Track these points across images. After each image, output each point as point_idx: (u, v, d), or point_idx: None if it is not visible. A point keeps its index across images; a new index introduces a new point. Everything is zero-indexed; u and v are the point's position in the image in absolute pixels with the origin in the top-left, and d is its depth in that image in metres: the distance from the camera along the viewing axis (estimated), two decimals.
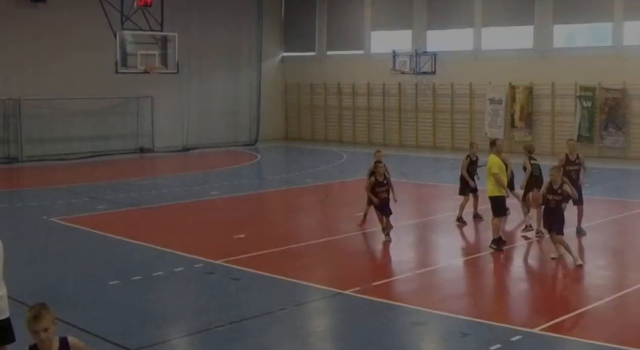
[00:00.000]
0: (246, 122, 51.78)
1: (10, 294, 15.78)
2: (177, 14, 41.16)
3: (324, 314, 15.26)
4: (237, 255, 19.13)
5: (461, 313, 14.32)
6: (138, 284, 16.74)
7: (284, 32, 54.50)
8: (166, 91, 46.48)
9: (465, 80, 44.47)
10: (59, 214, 25.35)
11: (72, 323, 13.90)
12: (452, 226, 23.23)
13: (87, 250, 20.55)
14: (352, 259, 19.59)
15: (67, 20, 42.38)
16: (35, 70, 41.36)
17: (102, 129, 44.12)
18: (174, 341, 13.50)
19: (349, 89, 50.45)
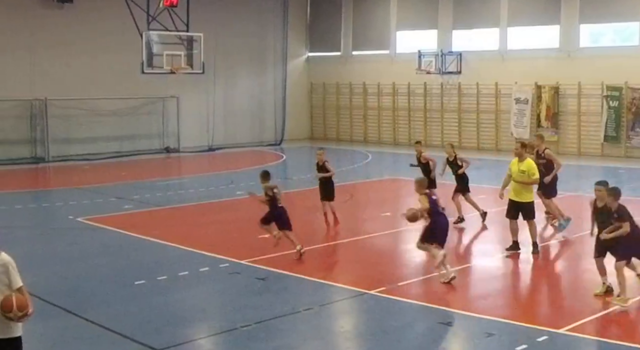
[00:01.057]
0: (271, 122, 51.81)
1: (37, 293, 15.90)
2: (203, 14, 41.21)
3: (350, 314, 15.25)
4: (263, 255, 19.15)
5: (487, 313, 14.28)
6: (164, 284, 16.78)
7: (309, 32, 54.48)
8: (192, 91, 46.57)
9: (491, 80, 44.32)
10: (85, 213, 25.44)
11: (98, 322, 13.98)
12: (477, 226, 23.17)
13: (113, 250, 20.61)
14: (377, 259, 19.57)
15: (94, 21, 42.53)
16: (62, 71, 41.55)
17: (128, 129, 44.26)
18: (200, 341, 13.53)
19: (374, 88, 50.38)
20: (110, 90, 42.81)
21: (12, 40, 40.20)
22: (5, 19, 40.02)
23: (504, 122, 44.27)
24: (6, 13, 40.09)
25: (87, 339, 13.38)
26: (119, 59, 41.88)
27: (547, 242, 20.88)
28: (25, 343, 13.25)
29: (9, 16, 40.14)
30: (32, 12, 41.03)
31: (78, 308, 14.89)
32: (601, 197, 14.83)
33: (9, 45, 40.09)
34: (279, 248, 19.77)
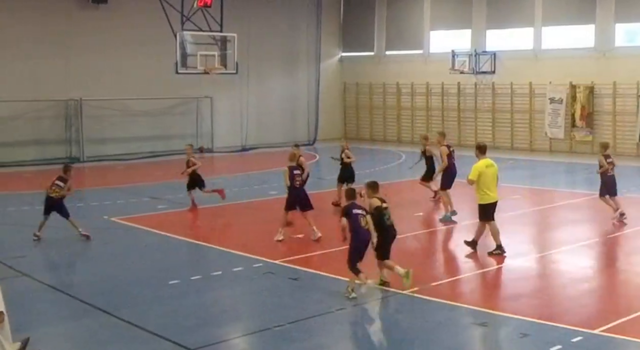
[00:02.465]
0: (304, 122, 51.83)
1: (72, 293, 16.04)
2: (236, 15, 41.31)
3: (382, 314, 15.24)
4: (296, 255, 19.18)
5: (521, 313, 14.22)
6: (197, 284, 16.83)
7: (342, 32, 54.46)
8: (225, 91, 46.69)
9: (525, 79, 44.11)
10: (119, 213, 25.58)
11: (133, 322, 14.04)
12: (511, 226, 23.07)
13: (147, 250, 20.70)
14: (410, 258, 19.52)
15: (128, 21, 42.73)
16: (96, 71, 41.75)
17: (161, 129, 44.42)
18: (233, 341, 13.57)
19: (407, 88, 50.29)
20: (145, 90, 43.00)
21: (48, 41, 40.47)
22: (41, 20, 40.27)
23: (538, 122, 44.04)
24: (42, 14, 40.34)
25: (122, 338, 13.44)
26: (153, 59, 42.07)
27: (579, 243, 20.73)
28: (60, 342, 13.39)
29: (45, 17, 40.38)
30: (68, 13, 41.27)
31: (112, 307, 14.96)
32: None
33: (45, 46, 40.35)
34: (312, 248, 19.81)
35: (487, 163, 19.68)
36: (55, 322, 14.47)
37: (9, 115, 39.28)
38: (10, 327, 12.94)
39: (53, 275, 17.58)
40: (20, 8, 39.55)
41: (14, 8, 39.35)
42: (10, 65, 38.21)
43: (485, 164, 19.63)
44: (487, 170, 19.55)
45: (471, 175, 19.41)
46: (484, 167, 19.53)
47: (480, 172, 19.41)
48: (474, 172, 19.39)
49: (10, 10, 39.21)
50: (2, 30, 38.05)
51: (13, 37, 38.73)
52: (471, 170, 19.54)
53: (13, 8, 39.30)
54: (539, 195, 28.92)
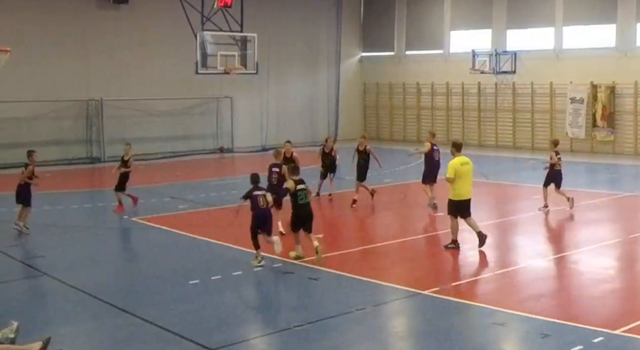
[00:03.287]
0: (324, 122, 51.85)
1: (92, 292, 16.10)
2: (256, 15, 41.37)
3: (403, 314, 15.22)
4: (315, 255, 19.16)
5: (541, 314, 14.16)
6: (218, 284, 16.85)
7: (362, 32, 54.45)
8: (245, 91, 46.75)
9: (545, 79, 44.00)
10: (140, 213, 25.65)
11: (153, 322, 14.07)
12: (532, 226, 23.03)
13: (167, 249, 20.74)
14: (430, 259, 19.52)
15: (149, 22, 42.88)
16: (117, 71, 41.91)
17: (182, 129, 44.54)
18: (253, 340, 13.57)
19: (427, 88, 50.25)
20: (165, 90, 43.14)
21: (69, 41, 40.64)
22: (62, 20, 40.44)
23: (559, 122, 43.91)
24: (63, 15, 40.51)
25: (142, 338, 13.47)
26: (173, 59, 42.22)
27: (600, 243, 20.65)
28: (80, 342, 13.43)
29: (66, 18, 40.55)
30: (89, 14, 41.43)
31: (133, 307, 15.00)
32: None
33: (66, 46, 40.53)
34: (332, 248, 19.80)
35: (462, 160, 19.85)
36: (76, 321, 14.52)
37: (30, 115, 39.45)
38: (31, 327, 13.03)
39: (73, 275, 17.62)
40: (42, 9, 39.74)
41: (35, 9, 39.54)
42: (32, 66, 38.34)
43: (461, 162, 19.80)
44: (462, 167, 19.72)
45: (449, 174, 19.63)
46: (459, 164, 19.71)
47: (456, 169, 19.57)
48: (451, 170, 19.60)
49: (32, 11, 39.40)
50: (24, 31, 38.18)
51: (34, 38, 38.87)
52: (447, 169, 19.74)
53: (34, 9, 39.48)
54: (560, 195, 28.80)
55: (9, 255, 19.77)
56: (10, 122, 38.64)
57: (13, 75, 34.28)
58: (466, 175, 19.80)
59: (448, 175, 19.60)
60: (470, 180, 20.01)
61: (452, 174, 19.49)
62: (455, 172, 19.52)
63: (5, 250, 20.23)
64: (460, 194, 19.73)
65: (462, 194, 19.75)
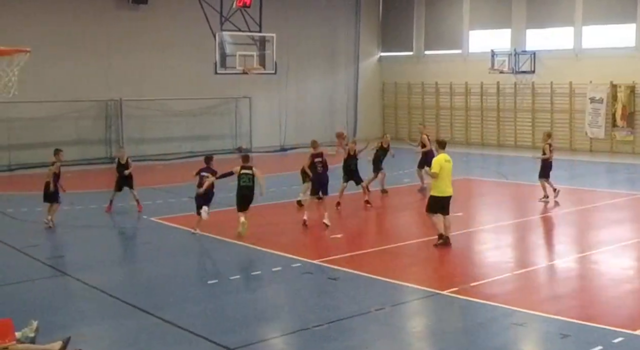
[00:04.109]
0: (343, 122, 51.78)
1: (112, 293, 16.15)
2: (275, 15, 41.39)
3: (422, 314, 15.21)
4: (335, 255, 19.20)
5: (561, 314, 14.13)
6: (237, 284, 16.90)
7: (381, 32, 54.41)
8: (264, 92, 46.78)
9: (565, 79, 43.86)
10: (159, 213, 25.72)
11: (172, 321, 14.10)
12: (551, 227, 22.98)
13: (186, 250, 20.79)
14: (449, 259, 19.49)
15: (168, 22, 42.98)
16: (136, 71, 42.03)
17: (200, 129, 44.57)
18: (273, 340, 13.58)
19: (446, 88, 50.17)
20: (184, 90, 43.21)
21: (88, 41, 40.76)
22: (82, 20, 40.55)
23: (578, 121, 43.75)
24: (82, 15, 40.63)
25: (162, 338, 13.50)
26: (192, 59, 42.28)
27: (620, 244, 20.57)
28: (100, 341, 13.48)
29: (85, 18, 40.67)
30: (108, 14, 41.55)
31: (152, 307, 15.04)
32: None
33: (86, 46, 40.65)
34: (351, 248, 19.83)
35: (445, 158, 20.43)
36: (95, 321, 14.56)
37: (50, 115, 39.58)
38: (52, 326, 13.08)
39: (93, 275, 17.68)
40: (61, 9, 39.89)
41: (55, 10, 39.71)
42: (52, 67, 38.45)
43: (444, 158, 20.38)
44: (445, 164, 20.27)
45: (434, 169, 20.20)
46: (443, 161, 20.28)
47: (442, 165, 20.13)
48: (436, 165, 20.20)
49: (51, 12, 39.57)
50: (44, 32, 38.32)
51: (54, 39, 39.00)
52: (433, 164, 20.36)
53: (53, 10, 39.66)
54: (579, 196, 28.73)
55: (29, 255, 19.85)
56: (31, 122, 38.78)
57: (34, 76, 34.34)
58: (448, 172, 20.41)
59: (433, 170, 20.17)
60: (450, 177, 20.56)
61: (438, 169, 20.08)
62: (440, 168, 20.06)
63: (26, 250, 20.32)
64: (443, 191, 20.33)
65: (445, 191, 20.35)
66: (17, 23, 37.20)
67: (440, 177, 20.12)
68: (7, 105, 34.71)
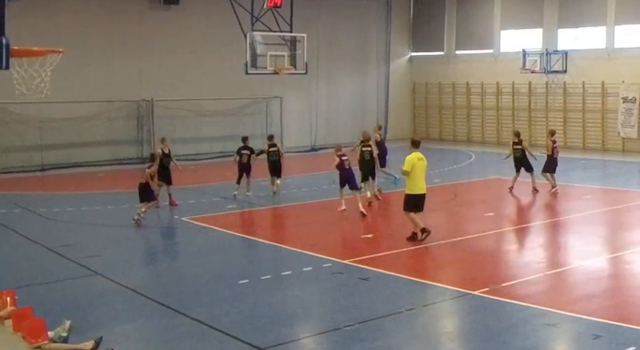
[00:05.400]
0: (373, 122, 51.64)
1: (143, 292, 16.22)
2: (306, 15, 41.42)
3: (453, 315, 15.17)
4: (366, 255, 19.19)
5: (593, 314, 14.05)
6: (267, 283, 16.90)
7: (412, 32, 54.35)
8: (295, 92, 46.84)
9: (597, 79, 43.63)
10: (190, 213, 25.79)
11: (203, 321, 14.14)
12: (583, 227, 22.85)
13: (217, 249, 20.83)
14: (481, 259, 19.43)
15: (199, 22, 43.12)
16: (168, 72, 42.18)
17: (232, 129, 44.57)
18: (303, 340, 13.59)
19: (477, 88, 50.05)
20: (215, 90, 43.33)
21: (120, 42, 40.98)
22: (114, 22, 40.76)
23: (610, 121, 43.52)
24: (114, 16, 40.84)
25: (193, 337, 13.54)
26: (223, 59, 42.40)
27: None
28: (132, 341, 13.54)
29: (117, 19, 40.88)
30: (140, 15, 41.76)
31: (183, 306, 15.09)
32: None
33: (117, 47, 40.87)
34: (381, 248, 19.80)
35: (418, 156, 20.71)
36: (127, 321, 14.62)
37: (83, 116, 39.82)
38: (84, 326, 13.14)
39: (125, 275, 17.76)
40: (93, 10, 40.10)
41: (87, 10, 39.91)
42: (84, 67, 38.65)
43: (417, 157, 20.65)
44: (418, 162, 20.56)
45: (405, 167, 20.54)
46: (415, 159, 20.56)
47: (413, 164, 20.43)
48: (408, 163, 20.49)
49: (83, 13, 39.78)
50: (76, 33, 38.53)
51: (86, 39, 39.19)
52: (404, 163, 20.53)
53: (86, 10, 39.86)
54: (612, 196, 28.57)
55: (62, 255, 19.97)
56: (63, 123, 38.99)
57: (66, 77, 34.48)
58: (421, 170, 20.70)
59: (405, 169, 20.52)
60: (424, 175, 20.88)
61: (409, 168, 20.44)
62: (412, 167, 20.38)
63: (58, 250, 20.45)
64: (417, 189, 20.64)
65: (419, 189, 20.66)
66: (49, 24, 37.40)
67: (413, 176, 20.49)
68: (39, 106, 35.01)
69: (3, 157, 37.49)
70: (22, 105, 34.61)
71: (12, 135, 37.78)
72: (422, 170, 20.69)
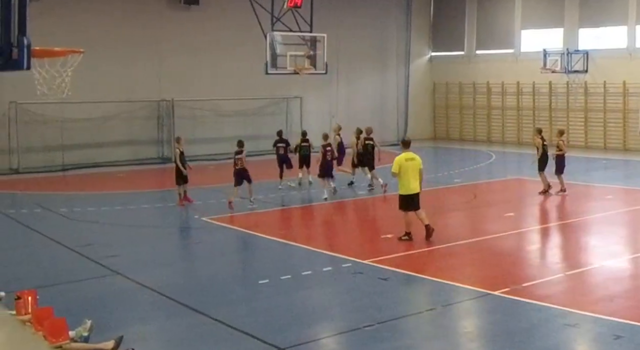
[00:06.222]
0: (393, 122, 51.75)
1: (163, 292, 16.25)
2: (326, 15, 41.40)
3: (473, 315, 15.14)
4: (385, 255, 19.16)
5: (615, 315, 13.98)
6: (287, 283, 16.91)
7: (432, 32, 54.28)
8: (315, 92, 46.84)
9: (618, 78, 43.44)
10: (210, 213, 25.82)
11: (223, 321, 14.16)
12: (604, 227, 22.77)
13: (237, 249, 20.89)
14: (501, 259, 19.39)
15: (219, 22, 43.19)
16: (188, 72, 42.27)
17: (252, 129, 44.62)
18: (323, 340, 13.60)
19: (498, 88, 49.93)
20: (235, 90, 43.39)
21: (140, 42, 41.09)
22: (134, 22, 40.89)
23: (631, 121, 43.32)
24: (135, 16, 40.97)
25: (213, 337, 13.57)
26: (243, 59, 42.42)
27: None
28: (152, 341, 13.57)
29: (137, 19, 41.01)
30: (160, 14, 41.86)
31: (204, 306, 15.11)
32: None
33: (138, 47, 40.98)
34: (401, 248, 19.79)
35: (407, 156, 20.80)
36: (148, 321, 14.67)
37: (103, 116, 39.99)
38: (105, 326, 13.18)
39: (146, 274, 17.81)
40: (113, 10, 40.23)
41: (108, 11, 40.05)
42: (104, 67, 38.77)
43: (405, 157, 20.76)
44: (406, 163, 20.64)
45: (393, 169, 20.74)
46: (403, 160, 20.65)
47: (401, 164, 20.56)
48: (395, 165, 20.66)
49: (104, 13, 39.91)
50: (96, 33, 38.66)
51: (107, 40, 39.31)
52: (393, 164, 20.70)
53: (106, 11, 40.00)
54: (633, 196, 28.45)
55: (83, 254, 20.04)
56: (83, 123, 39.17)
57: (88, 77, 34.59)
58: (412, 170, 20.72)
59: (393, 170, 20.70)
60: (416, 175, 20.79)
61: (397, 169, 20.61)
62: (400, 167, 20.52)
63: (79, 250, 20.52)
64: (409, 189, 20.68)
65: (411, 189, 20.68)
66: (70, 24, 37.54)
67: (403, 176, 20.59)
68: (60, 106, 35.16)
69: (25, 157, 37.67)
70: (44, 105, 34.73)
71: (33, 135, 37.95)
72: (413, 170, 20.72)
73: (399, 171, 20.55)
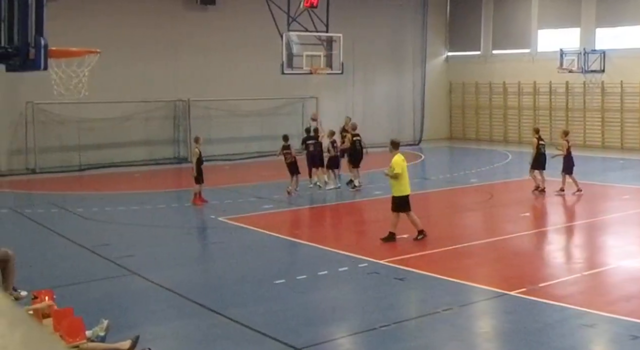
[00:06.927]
0: (410, 122, 51.71)
1: (180, 291, 16.28)
2: (342, 15, 41.41)
3: (490, 315, 15.12)
4: (402, 255, 19.15)
5: (632, 315, 13.93)
6: (303, 283, 16.91)
7: (448, 32, 54.23)
8: (331, 92, 46.81)
9: (635, 78, 43.29)
10: (226, 213, 25.85)
11: (239, 321, 14.17)
12: (622, 227, 22.70)
13: (253, 249, 20.88)
14: (518, 259, 19.34)
15: (235, 22, 43.21)
16: (204, 72, 42.33)
17: (268, 130, 44.66)
18: (339, 340, 13.59)
19: (514, 88, 49.83)
20: (251, 91, 43.41)
21: (156, 42, 41.15)
22: (150, 22, 40.96)
23: None
24: (151, 17, 41.04)
25: (230, 337, 13.58)
26: (259, 59, 42.45)
27: None
28: (168, 340, 13.59)
29: (153, 20, 41.08)
30: (176, 15, 41.93)
31: (220, 306, 15.12)
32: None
33: (154, 47, 41.04)
34: (417, 248, 19.77)
35: (402, 158, 20.86)
36: (164, 320, 14.69)
37: (120, 116, 40.09)
38: (121, 325, 13.20)
39: (162, 274, 17.84)
40: (130, 11, 40.32)
41: (124, 11, 40.14)
42: (121, 67, 38.87)
43: (402, 158, 20.80)
44: (404, 164, 20.76)
45: (397, 169, 20.55)
46: (401, 161, 20.67)
47: (402, 166, 20.62)
48: (398, 166, 20.58)
49: (120, 14, 40.00)
50: (113, 33, 38.73)
51: (123, 40, 39.40)
52: (394, 166, 20.55)
53: (123, 11, 40.09)
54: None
55: (100, 254, 20.09)
56: (100, 123, 39.27)
57: (104, 77, 34.72)
58: (406, 171, 20.90)
59: (397, 171, 20.51)
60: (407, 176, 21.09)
61: (400, 170, 20.52)
62: (402, 169, 20.64)
63: (96, 250, 20.57)
64: (405, 190, 20.78)
65: (406, 190, 20.81)
66: (86, 25, 37.63)
67: (403, 177, 20.64)
68: (77, 106, 35.25)
69: (42, 157, 37.79)
70: (61, 105, 34.87)
71: (50, 135, 38.07)
72: (406, 171, 20.90)
73: (401, 171, 20.57)
